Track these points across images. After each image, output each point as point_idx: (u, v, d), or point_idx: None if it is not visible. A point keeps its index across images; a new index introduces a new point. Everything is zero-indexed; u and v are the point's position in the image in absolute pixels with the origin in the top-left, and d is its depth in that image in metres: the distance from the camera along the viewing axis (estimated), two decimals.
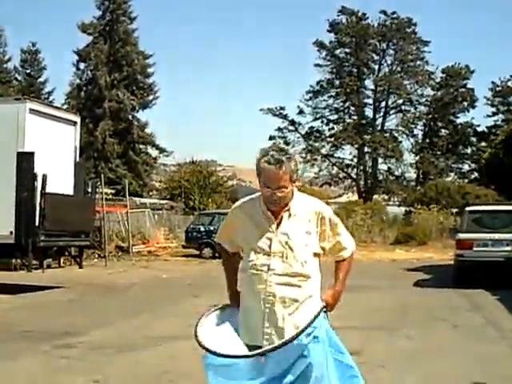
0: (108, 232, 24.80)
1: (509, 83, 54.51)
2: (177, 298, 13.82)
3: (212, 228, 25.02)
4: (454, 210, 34.37)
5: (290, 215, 3.81)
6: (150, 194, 49.33)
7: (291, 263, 3.75)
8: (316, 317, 3.71)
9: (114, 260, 23.81)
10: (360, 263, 18.67)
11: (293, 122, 56.27)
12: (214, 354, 3.64)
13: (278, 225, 3.80)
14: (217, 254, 24.49)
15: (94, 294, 14.74)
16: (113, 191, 34.13)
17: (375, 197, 52.00)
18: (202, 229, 26.69)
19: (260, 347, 3.71)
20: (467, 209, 17.38)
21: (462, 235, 16.15)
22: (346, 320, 7.82)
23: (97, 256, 23.60)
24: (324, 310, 3.81)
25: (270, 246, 3.77)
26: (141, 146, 52.01)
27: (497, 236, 15.69)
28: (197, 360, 4.19)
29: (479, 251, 15.52)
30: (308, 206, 3.87)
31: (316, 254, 3.87)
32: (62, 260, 19.22)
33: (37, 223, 13.72)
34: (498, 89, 55.08)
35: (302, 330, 3.62)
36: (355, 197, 52.53)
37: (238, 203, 4.03)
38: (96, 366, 7.58)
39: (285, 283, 3.74)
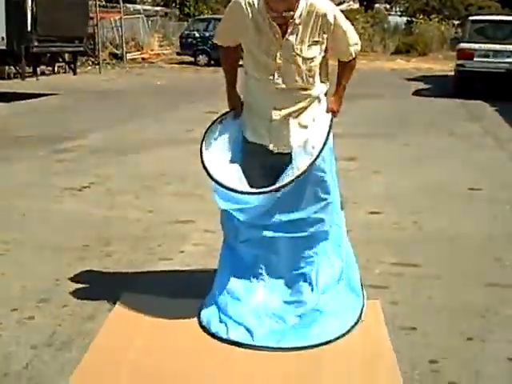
0: (102, 39, 24.21)
1: None
2: (173, 104, 13.72)
3: (207, 34, 24.00)
4: (456, 22, 33.62)
5: (295, 24, 3.49)
6: (144, 0, 47.78)
7: (296, 78, 3.56)
8: (327, 137, 3.57)
9: (108, 67, 23.41)
10: (360, 71, 18.28)
11: None
12: (226, 188, 3.47)
13: (283, 36, 3.50)
14: (212, 62, 24.07)
15: (90, 100, 14.61)
16: None
17: (377, 6, 50.56)
18: (197, 35, 25.60)
19: (266, 147, 3.65)
20: (470, 18, 16.97)
21: (463, 45, 15.91)
22: (344, 128, 7.75)
23: (90, 63, 23.18)
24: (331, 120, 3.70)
25: (274, 59, 3.52)
26: None
27: (498, 47, 15.48)
28: (193, 164, 4.13)
29: (480, 61, 15.38)
30: (314, 11, 3.52)
31: (322, 61, 3.65)
32: (55, 67, 18.93)
33: (29, 28, 13.25)
34: None
35: (317, 157, 3.49)
36: (356, 5, 50.97)
37: None
38: (93, 169, 7.62)
39: (289, 96, 3.58)
